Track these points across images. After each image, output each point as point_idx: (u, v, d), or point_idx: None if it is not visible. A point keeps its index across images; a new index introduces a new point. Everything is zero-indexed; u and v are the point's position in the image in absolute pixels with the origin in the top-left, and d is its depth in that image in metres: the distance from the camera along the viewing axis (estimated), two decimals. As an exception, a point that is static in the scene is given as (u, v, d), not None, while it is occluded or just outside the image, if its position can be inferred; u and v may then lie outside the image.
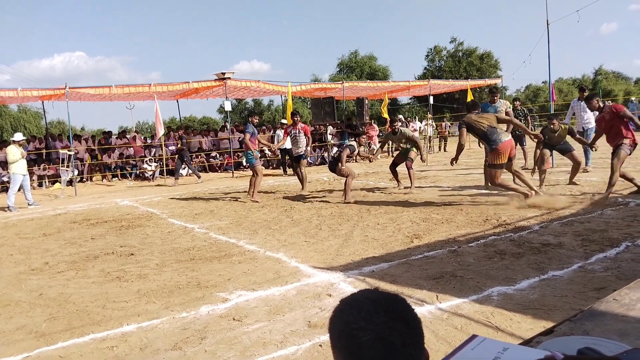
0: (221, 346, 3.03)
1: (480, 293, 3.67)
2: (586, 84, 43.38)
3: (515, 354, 0.85)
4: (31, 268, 5.26)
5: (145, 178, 15.97)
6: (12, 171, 10.53)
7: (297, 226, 6.59)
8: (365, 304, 0.91)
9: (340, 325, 0.92)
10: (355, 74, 42.21)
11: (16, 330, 3.53)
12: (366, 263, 4.63)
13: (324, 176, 13.42)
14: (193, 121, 47.90)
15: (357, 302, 0.92)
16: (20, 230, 7.74)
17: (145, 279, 4.58)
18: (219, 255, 5.26)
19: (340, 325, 0.92)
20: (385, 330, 0.86)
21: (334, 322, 0.94)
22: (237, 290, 4.07)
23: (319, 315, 3.40)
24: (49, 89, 14.17)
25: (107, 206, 10.01)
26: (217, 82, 15.76)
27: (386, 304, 0.91)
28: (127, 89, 14.89)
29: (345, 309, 0.93)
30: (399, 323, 0.88)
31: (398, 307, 0.92)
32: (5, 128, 39.66)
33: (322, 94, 19.57)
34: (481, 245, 4.95)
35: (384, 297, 0.94)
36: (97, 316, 3.69)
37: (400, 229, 6.01)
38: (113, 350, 3.07)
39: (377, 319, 0.87)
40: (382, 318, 0.87)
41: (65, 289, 4.41)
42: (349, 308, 0.92)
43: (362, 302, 0.92)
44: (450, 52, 44.14)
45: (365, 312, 0.89)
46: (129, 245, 6.07)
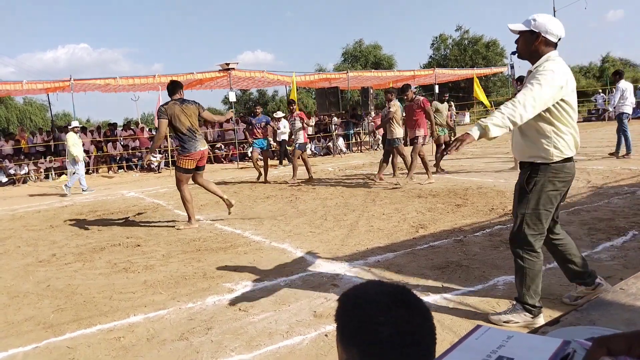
0: (227, 336, 3.05)
1: (486, 282, 3.67)
2: (593, 72, 43.06)
3: (520, 341, 0.84)
4: (39, 260, 5.30)
5: (151, 169, 16.01)
6: (75, 154, 10.97)
7: (302, 217, 6.60)
8: (380, 297, 0.89)
9: (357, 321, 0.90)
10: (360, 63, 41.97)
11: (25, 321, 3.56)
12: (371, 253, 4.63)
13: (328, 166, 13.41)
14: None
15: (372, 296, 0.90)
16: (28, 222, 7.80)
17: (152, 270, 4.60)
18: (225, 246, 5.28)
19: (357, 320, 0.90)
20: (404, 324, 0.85)
21: (349, 317, 0.92)
22: (243, 280, 4.08)
23: (324, 305, 3.41)
24: (53, 81, 14.20)
25: (114, 198, 10.06)
26: (221, 73, 15.72)
27: (403, 296, 0.90)
28: (132, 80, 14.90)
29: (361, 303, 0.91)
30: (417, 317, 0.87)
31: (412, 298, 0.91)
32: (12, 120, 39.84)
33: (327, 84, 19.48)
34: (487, 235, 4.94)
35: (398, 289, 0.92)
36: (104, 307, 3.72)
37: (405, 218, 6.00)
38: (120, 341, 3.10)
39: (396, 312, 0.86)
40: (401, 311, 0.86)
41: (72, 281, 4.45)
42: (365, 302, 0.90)
43: (377, 295, 0.90)
44: (456, 40, 43.76)
45: (383, 306, 0.87)
46: (135, 237, 6.10)
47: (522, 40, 2.84)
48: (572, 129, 2.78)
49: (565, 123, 2.75)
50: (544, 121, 2.77)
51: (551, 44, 2.77)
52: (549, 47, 2.77)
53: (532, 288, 2.87)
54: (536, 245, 2.85)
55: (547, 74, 2.63)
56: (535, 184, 2.85)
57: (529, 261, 2.86)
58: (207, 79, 16.37)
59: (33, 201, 10.41)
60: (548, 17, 2.77)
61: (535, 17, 2.78)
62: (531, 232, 2.84)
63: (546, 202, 2.82)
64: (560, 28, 2.76)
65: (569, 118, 2.75)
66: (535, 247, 2.85)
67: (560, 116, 2.74)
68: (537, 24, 2.75)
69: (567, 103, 2.73)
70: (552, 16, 2.80)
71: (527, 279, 2.87)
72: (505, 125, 2.56)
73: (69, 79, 13.41)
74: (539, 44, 2.76)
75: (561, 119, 2.74)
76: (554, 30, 2.74)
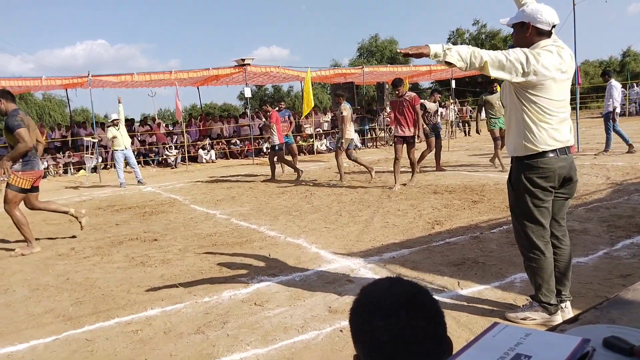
0: (243, 330, 3.07)
1: (503, 279, 3.64)
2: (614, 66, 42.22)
3: (539, 339, 0.83)
4: (58, 253, 5.39)
5: (167, 165, 16.16)
6: (114, 147, 11.24)
7: (317, 212, 6.61)
8: (386, 299, 0.89)
9: (359, 322, 0.91)
10: (375, 58, 41.75)
11: (45, 313, 3.63)
12: (387, 249, 4.62)
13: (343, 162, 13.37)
14: (214, 108, 48.16)
15: (378, 297, 0.90)
16: (47, 216, 7.92)
17: (169, 264, 4.66)
18: (241, 241, 5.31)
19: (359, 321, 0.91)
20: (404, 330, 0.85)
21: (354, 316, 0.93)
22: (259, 275, 4.10)
23: (339, 301, 3.42)
24: (72, 77, 14.40)
25: (131, 192, 10.18)
26: (236, 69, 15.78)
27: (407, 298, 0.89)
28: (149, 76, 15.02)
29: (365, 304, 0.91)
30: (420, 320, 0.86)
31: (420, 300, 0.90)
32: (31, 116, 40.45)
33: (342, 79, 19.43)
34: (504, 232, 4.89)
35: (406, 289, 0.91)
36: (122, 300, 3.77)
37: (421, 215, 5.97)
38: (138, 334, 3.14)
39: (396, 317, 0.86)
40: (402, 317, 0.86)
41: (91, 274, 4.52)
42: (369, 304, 0.90)
43: (383, 297, 0.90)
44: (473, 34, 43.29)
45: (385, 310, 0.87)
46: (152, 231, 6.17)
47: (515, 32, 2.80)
48: (547, 122, 2.68)
49: (537, 115, 2.68)
50: (517, 113, 2.74)
51: (544, 32, 2.70)
52: (541, 36, 2.70)
53: (545, 286, 2.82)
54: (539, 242, 2.78)
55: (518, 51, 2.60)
56: (516, 180, 2.81)
57: (534, 259, 2.81)
58: (223, 74, 16.45)
59: (52, 196, 10.58)
60: (538, 5, 2.71)
61: (524, 7, 2.74)
62: (529, 230, 2.78)
63: (532, 197, 2.74)
64: (551, 15, 2.68)
65: (541, 110, 2.67)
66: (538, 245, 2.78)
67: (530, 108, 2.68)
68: (526, 14, 2.70)
69: (538, 95, 2.65)
70: (542, 4, 2.73)
71: (537, 278, 2.83)
72: (465, 60, 2.55)
73: (87, 75, 13.57)
74: (531, 35, 2.70)
75: (532, 111, 2.68)
76: (545, 18, 2.66)
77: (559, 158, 2.71)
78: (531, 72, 2.58)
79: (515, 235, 2.96)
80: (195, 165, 15.74)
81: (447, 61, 2.55)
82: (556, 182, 2.75)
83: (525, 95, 2.68)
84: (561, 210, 2.87)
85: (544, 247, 2.78)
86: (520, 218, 2.82)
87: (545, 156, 2.70)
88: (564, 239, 2.90)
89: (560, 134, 2.72)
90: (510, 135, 2.84)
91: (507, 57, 2.56)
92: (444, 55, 2.54)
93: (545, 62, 2.59)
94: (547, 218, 2.79)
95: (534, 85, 2.63)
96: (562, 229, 2.90)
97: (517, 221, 2.85)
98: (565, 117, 2.76)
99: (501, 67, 2.56)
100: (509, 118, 2.83)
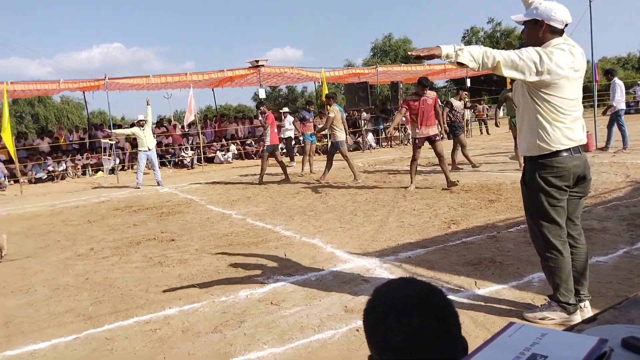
0: (260, 329, 3.10)
1: (521, 279, 3.61)
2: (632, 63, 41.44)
3: (555, 338, 0.83)
4: (77, 254, 5.48)
5: (183, 166, 16.30)
6: (139, 148, 11.41)
7: (332, 212, 6.61)
8: (399, 299, 0.89)
9: (372, 322, 0.92)
10: (389, 57, 41.58)
11: (65, 312, 3.70)
12: (402, 249, 4.61)
13: (358, 162, 13.37)
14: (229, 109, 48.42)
15: (391, 298, 0.91)
16: (67, 217, 8.06)
17: (186, 264, 4.71)
18: (256, 241, 5.34)
19: (372, 322, 0.92)
20: (416, 333, 0.85)
21: (368, 317, 0.93)
22: (274, 275, 4.13)
23: (355, 301, 3.42)
24: (89, 80, 14.59)
25: (148, 193, 10.30)
26: (251, 70, 15.86)
27: (421, 299, 0.89)
28: (164, 79, 15.17)
29: (379, 304, 0.92)
30: (432, 322, 0.86)
31: (433, 301, 0.90)
32: (50, 119, 41.24)
33: (356, 79, 19.40)
34: (521, 231, 4.84)
35: (418, 290, 0.92)
36: (140, 300, 3.82)
37: (437, 214, 5.95)
38: (156, 333, 3.18)
39: (408, 319, 0.86)
40: (414, 319, 0.86)
41: (110, 274, 4.59)
42: (382, 304, 0.91)
43: (397, 297, 0.90)
44: (488, 32, 42.85)
45: (399, 310, 0.87)
46: (169, 231, 6.23)
47: (527, 30, 2.76)
48: (561, 121, 2.66)
49: (551, 115, 2.66)
50: (530, 112, 2.71)
51: (556, 30, 2.67)
52: (554, 35, 2.67)
53: (563, 286, 2.79)
54: (556, 242, 2.75)
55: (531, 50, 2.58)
56: (530, 179, 2.78)
57: (550, 259, 2.78)
58: (237, 76, 16.54)
59: (71, 197, 10.75)
60: (551, 3, 2.68)
61: (537, 5, 2.70)
62: (545, 230, 2.75)
63: (548, 197, 2.71)
64: (565, 13, 2.65)
65: (555, 109, 2.65)
66: (555, 245, 2.75)
67: (543, 107, 2.66)
68: (540, 12, 2.66)
69: (551, 94, 2.63)
70: (555, 2, 2.70)
71: (554, 278, 2.81)
72: (477, 60, 2.52)
73: (104, 77, 13.75)
74: (544, 32, 2.67)
75: (546, 110, 2.65)
76: (559, 16, 2.63)
77: (573, 157, 2.70)
78: (545, 71, 2.55)
79: (531, 236, 2.94)
80: (211, 166, 15.85)
81: (459, 62, 2.53)
82: (571, 181, 2.72)
83: (538, 94, 2.66)
84: (576, 209, 2.84)
85: (561, 246, 2.76)
86: (535, 218, 2.80)
87: (560, 155, 2.68)
88: (579, 238, 2.87)
89: (574, 132, 2.70)
90: (523, 134, 2.81)
91: (520, 57, 2.54)
92: (455, 56, 2.52)
93: (559, 61, 2.57)
94: (563, 217, 2.76)
95: (548, 85, 2.61)
96: (577, 228, 2.87)
97: (533, 221, 2.83)
98: (578, 116, 2.74)
99: (514, 66, 2.54)
100: (522, 117, 2.81)
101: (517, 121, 2.90)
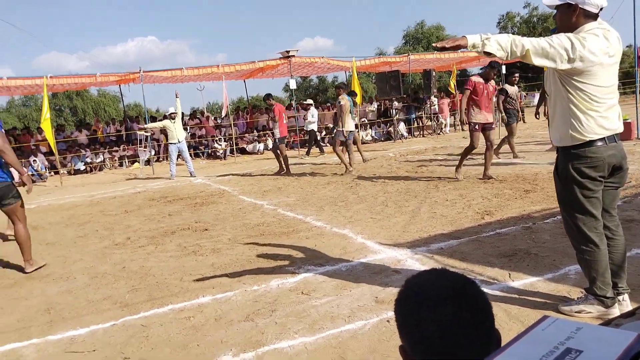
0: (291, 319, 3.12)
1: (557, 271, 3.52)
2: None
3: (591, 333, 0.80)
4: (115, 243, 5.64)
5: (216, 157, 16.54)
6: (169, 140, 11.73)
7: (362, 202, 6.59)
8: (431, 291, 0.89)
9: (405, 313, 0.91)
10: (422, 45, 40.97)
11: (103, 300, 3.82)
12: (434, 240, 4.56)
13: (389, 152, 13.27)
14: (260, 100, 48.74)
15: (425, 289, 0.90)
16: (105, 207, 8.30)
17: (219, 253, 4.78)
18: (287, 231, 5.38)
19: (405, 312, 0.91)
20: (450, 323, 0.84)
21: (400, 307, 0.93)
22: (305, 265, 4.15)
23: (386, 292, 3.41)
24: (124, 73, 14.92)
25: (182, 184, 10.50)
26: (282, 60, 15.90)
27: (454, 290, 0.88)
28: (197, 71, 15.38)
29: (411, 295, 0.91)
30: (466, 312, 0.85)
31: (468, 292, 0.89)
32: (87, 112, 42.52)
33: (388, 67, 19.20)
34: (558, 222, 4.71)
35: (452, 281, 0.90)
36: (175, 288, 3.91)
37: (470, 205, 5.85)
38: (190, 321, 3.25)
39: (442, 309, 0.85)
40: (448, 309, 0.85)
41: (145, 263, 4.71)
42: (415, 295, 0.90)
43: (429, 288, 0.89)
44: (524, 18, 41.72)
45: (431, 302, 0.87)
46: (203, 221, 6.34)
47: (560, 14, 2.64)
48: (595, 110, 2.56)
49: (584, 103, 2.55)
50: (562, 101, 2.61)
51: (591, 15, 2.55)
52: (587, 19, 2.55)
53: (600, 279, 2.70)
54: (591, 234, 2.66)
55: (562, 37, 2.47)
56: (563, 170, 2.69)
57: (586, 252, 2.69)
58: (268, 66, 16.62)
59: (109, 188, 11.06)
60: None
61: None
62: (580, 222, 2.67)
63: (582, 188, 2.62)
64: None
65: (588, 98, 2.55)
66: (591, 237, 2.66)
67: (576, 95, 2.56)
68: None
69: (584, 82, 2.52)
70: None
71: (591, 271, 2.72)
72: (505, 49, 2.44)
73: (139, 70, 14.03)
74: (578, 17, 2.55)
75: (579, 99, 2.56)
76: (594, 0, 2.52)
77: (608, 146, 2.60)
78: (577, 59, 2.46)
79: (565, 228, 2.86)
80: (243, 157, 16.03)
81: (486, 51, 2.46)
82: (605, 172, 2.63)
83: (571, 82, 2.56)
84: (612, 200, 2.75)
85: (597, 239, 2.67)
86: (570, 210, 2.72)
87: (593, 145, 2.59)
88: (616, 230, 2.78)
89: (609, 121, 2.60)
90: (555, 124, 2.72)
91: (550, 44, 2.44)
92: (482, 46, 2.45)
93: (592, 47, 2.46)
94: (598, 209, 2.67)
95: (581, 72, 2.51)
96: (613, 219, 2.78)
97: (567, 213, 2.75)
98: (614, 104, 2.63)
99: (545, 54, 2.45)
100: (554, 106, 2.72)
101: (550, 110, 2.81)
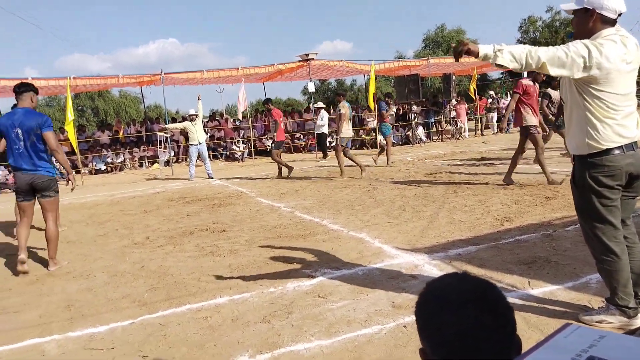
0: (307, 321, 3.13)
1: (577, 280, 3.46)
2: None
3: (614, 341, 0.79)
4: (134, 242, 5.72)
5: (235, 159, 16.65)
6: (190, 142, 11.84)
7: (380, 207, 6.57)
8: (452, 294, 0.89)
9: (425, 316, 0.91)
10: (441, 49, 40.72)
11: (122, 298, 3.87)
12: (452, 245, 4.52)
13: (407, 156, 13.21)
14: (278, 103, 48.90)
15: (446, 292, 0.90)
16: (124, 207, 8.42)
17: (236, 254, 4.81)
18: (304, 234, 5.39)
19: (425, 315, 0.91)
20: (471, 326, 0.84)
21: (421, 310, 0.93)
22: (322, 268, 4.15)
23: (403, 297, 3.39)
24: (146, 74, 15.12)
25: (201, 185, 10.59)
26: (301, 63, 15.96)
27: (475, 294, 0.88)
28: (217, 73, 15.53)
29: (432, 299, 0.91)
30: (487, 315, 0.85)
31: (490, 296, 0.88)
32: (109, 112, 43.19)
33: (407, 71, 19.12)
34: (579, 230, 4.58)
35: (474, 285, 0.90)
36: (192, 288, 3.94)
37: (489, 211, 5.79)
38: (207, 321, 3.28)
39: (464, 312, 0.85)
40: (470, 311, 0.85)
41: (164, 262, 4.76)
42: (437, 299, 0.90)
43: (450, 292, 0.89)
44: (547, 22, 41.12)
45: (453, 305, 0.87)
46: (221, 222, 6.39)
47: (577, 19, 2.60)
48: (612, 118, 2.51)
49: (601, 112, 2.50)
50: (579, 109, 2.57)
51: (608, 20, 2.50)
52: (605, 25, 2.51)
53: (621, 289, 2.65)
54: (611, 244, 2.60)
55: (578, 44, 2.43)
56: (580, 179, 2.65)
57: (607, 261, 2.65)
58: (287, 69, 16.69)
59: (129, 187, 11.21)
60: None
61: None
62: (600, 232, 2.62)
63: (600, 197, 2.58)
64: (618, 2, 2.48)
65: (605, 106, 2.50)
66: (610, 247, 2.61)
67: (593, 104, 2.51)
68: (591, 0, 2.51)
69: (601, 90, 2.48)
70: None
71: (612, 281, 2.67)
72: (519, 61, 2.40)
73: (160, 72, 14.21)
74: (595, 22, 2.51)
75: (596, 107, 2.51)
76: (611, 5, 2.46)
77: (626, 155, 2.55)
78: (594, 66, 2.42)
79: (585, 238, 2.81)
80: (261, 159, 16.11)
81: (498, 63, 2.43)
82: (623, 180, 2.59)
83: (587, 90, 2.52)
84: (627, 209, 2.70)
85: (617, 248, 2.62)
86: (588, 220, 2.67)
87: (611, 153, 2.54)
88: (632, 238, 2.74)
89: (627, 129, 2.55)
90: (571, 132, 2.69)
91: (567, 53, 2.41)
92: (494, 57, 2.41)
93: (609, 54, 2.42)
94: (617, 217, 2.62)
95: (597, 80, 2.47)
96: (628, 227, 2.74)
97: (586, 222, 2.71)
98: (632, 111, 2.58)
99: (561, 64, 2.42)
100: (570, 114, 2.67)
101: (565, 118, 2.77)
